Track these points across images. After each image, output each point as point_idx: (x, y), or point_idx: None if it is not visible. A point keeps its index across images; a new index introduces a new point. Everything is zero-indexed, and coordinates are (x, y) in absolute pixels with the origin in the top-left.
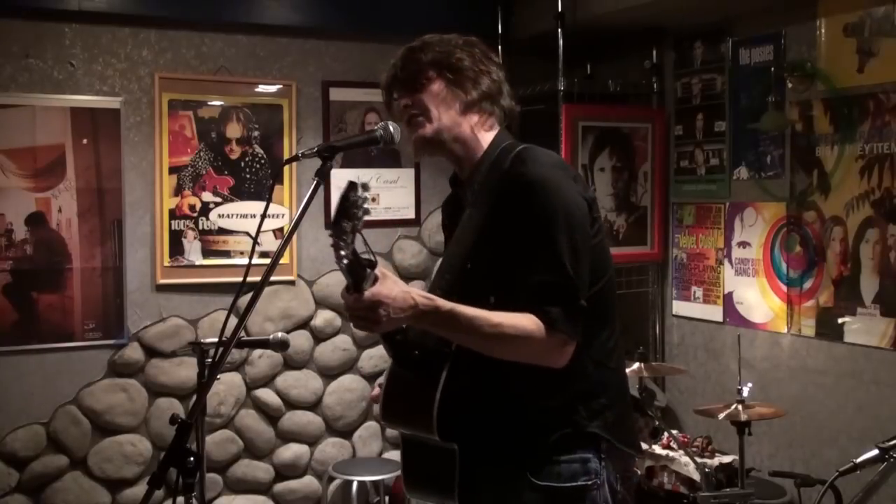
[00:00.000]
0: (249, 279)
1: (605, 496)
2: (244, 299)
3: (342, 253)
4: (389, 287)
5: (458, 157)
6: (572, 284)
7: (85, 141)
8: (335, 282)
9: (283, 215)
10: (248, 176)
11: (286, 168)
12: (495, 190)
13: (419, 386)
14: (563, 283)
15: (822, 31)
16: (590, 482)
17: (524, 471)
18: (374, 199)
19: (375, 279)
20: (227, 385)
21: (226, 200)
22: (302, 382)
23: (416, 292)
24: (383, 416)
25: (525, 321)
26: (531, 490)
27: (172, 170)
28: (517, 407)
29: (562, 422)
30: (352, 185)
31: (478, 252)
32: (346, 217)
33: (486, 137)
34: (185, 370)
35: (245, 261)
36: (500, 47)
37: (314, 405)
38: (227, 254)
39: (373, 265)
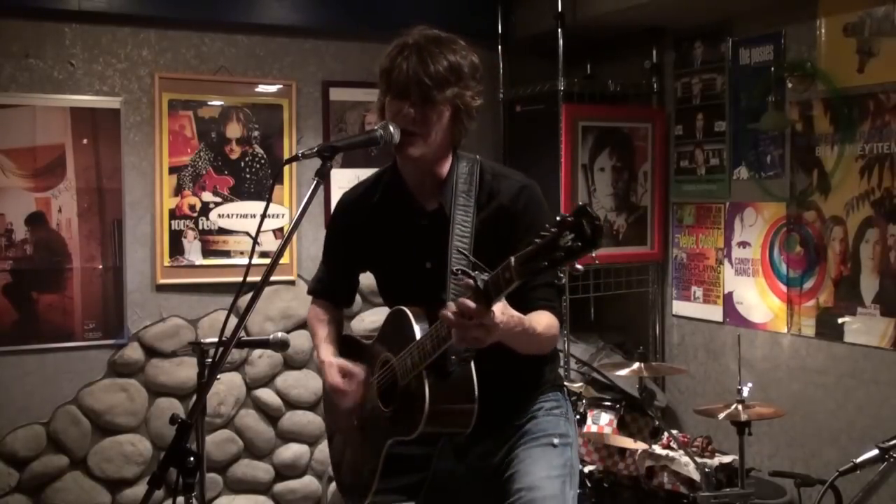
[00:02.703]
0: (249, 279)
1: (572, 429)
2: (244, 299)
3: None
4: (501, 307)
5: (428, 171)
6: (562, 284)
7: (85, 141)
8: None
9: (283, 215)
10: (248, 176)
11: (286, 168)
12: (476, 201)
13: (460, 386)
14: (559, 284)
15: (822, 31)
16: (563, 413)
17: (516, 413)
18: None
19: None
20: (227, 385)
21: (226, 200)
22: (302, 382)
23: (497, 307)
24: (427, 425)
25: (550, 318)
26: (521, 421)
27: (172, 170)
28: (518, 379)
29: (546, 381)
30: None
31: (479, 258)
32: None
33: (448, 155)
34: (185, 370)
35: (245, 261)
36: (500, 47)
37: (314, 405)
38: (227, 254)
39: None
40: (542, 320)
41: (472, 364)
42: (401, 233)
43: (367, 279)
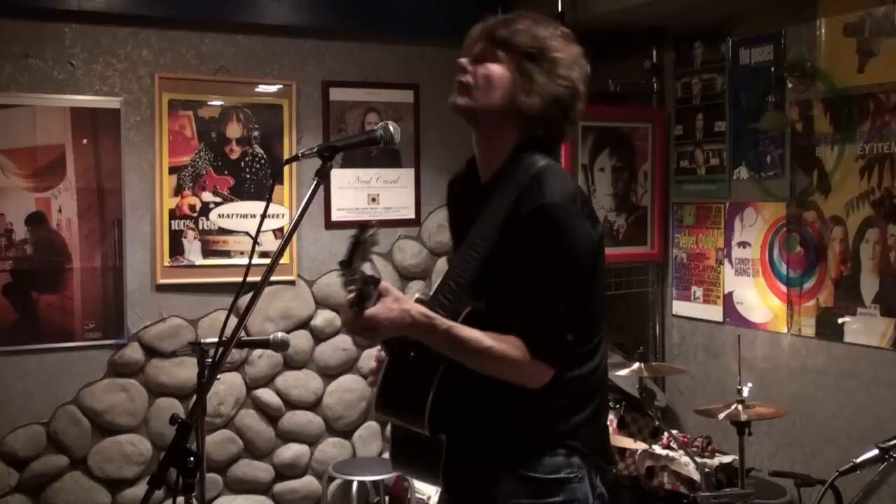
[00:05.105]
0: (249, 279)
1: (585, 490)
2: (244, 299)
3: (351, 287)
4: (389, 306)
5: (483, 143)
6: (562, 323)
7: (85, 141)
8: (335, 282)
9: (283, 215)
10: (248, 176)
11: (286, 168)
12: (509, 205)
13: (414, 386)
14: (554, 321)
15: (822, 31)
16: (571, 475)
17: (509, 462)
18: (374, 199)
19: (378, 297)
20: (227, 385)
21: (226, 200)
22: (302, 382)
23: (416, 309)
24: (377, 407)
25: (512, 348)
26: (514, 478)
27: (172, 170)
28: (503, 414)
29: (543, 433)
30: (362, 230)
31: (484, 269)
32: (359, 258)
33: (515, 142)
34: (185, 370)
35: (245, 261)
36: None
37: (314, 405)
38: (227, 254)
39: (377, 282)
40: (496, 340)
41: (442, 366)
42: (462, 213)
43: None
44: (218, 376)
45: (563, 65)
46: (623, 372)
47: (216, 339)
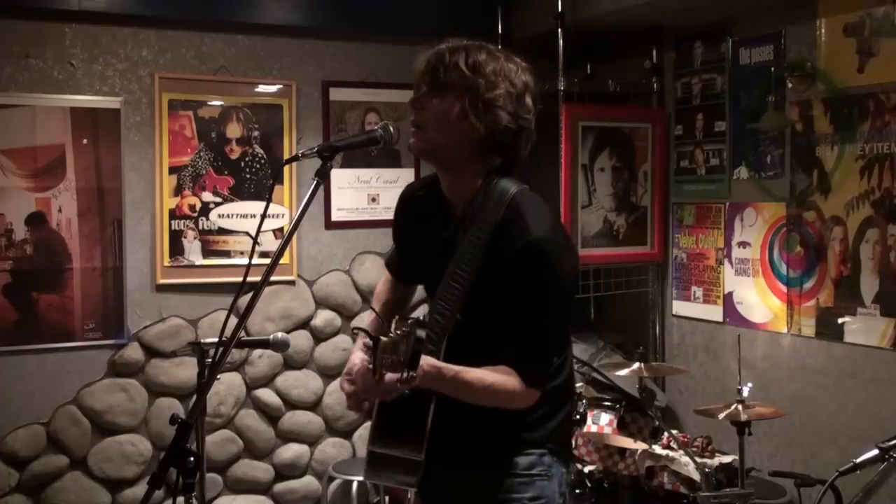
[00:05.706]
0: (249, 279)
1: (553, 489)
2: (244, 299)
3: (389, 366)
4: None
5: (447, 178)
6: (550, 349)
7: (85, 141)
8: (335, 281)
9: (283, 215)
10: (248, 176)
11: (286, 168)
12: (488, 235)
13: (410, 421)
14: (544, 348)
15: (822, 31)
16: (542, 472)
17: (484, 464)
18: (374, 199)
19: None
20: (227, 385)
21: (226, 200)
22: (302, 382)
23: (426, 362)
24: (371, 445)
25: (509, 380)
26: (487, 478)
27: (172, 170)
28: (487, 429)
29: (522, 441)
30: (420, 326)
31: (469, 300)
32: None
33: (480, 172)
34: (185, 370)
35: (245, 261)
36: (499, 47)
37: (314, 405)
38: (227, 254)
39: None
40: (495, 376)
41: (434, 399)
42: (427, 236)
43: (367, 279)
44: (218, 376)
45: (503, 88)
46: (623, 372)
47: (216, 339)
